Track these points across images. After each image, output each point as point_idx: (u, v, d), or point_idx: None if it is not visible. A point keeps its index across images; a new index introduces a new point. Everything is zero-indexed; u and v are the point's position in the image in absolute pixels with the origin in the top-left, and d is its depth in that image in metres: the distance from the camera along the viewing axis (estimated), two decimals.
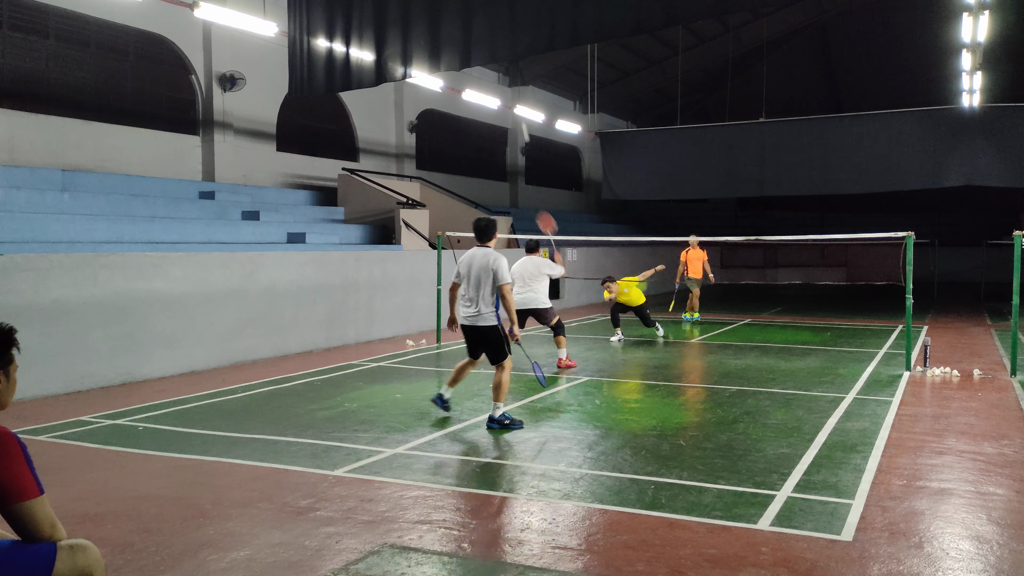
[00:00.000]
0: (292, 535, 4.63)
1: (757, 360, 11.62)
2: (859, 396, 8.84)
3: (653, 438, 6.93)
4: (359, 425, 7.40)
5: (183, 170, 15.07)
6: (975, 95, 21.01)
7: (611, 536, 4.62)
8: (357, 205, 16.99)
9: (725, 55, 29.09)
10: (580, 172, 32.12)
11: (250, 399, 8.69)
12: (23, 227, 9.96)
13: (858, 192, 19.54)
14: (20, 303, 8.38)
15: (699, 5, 10.03)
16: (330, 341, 12.76)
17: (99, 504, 5.18)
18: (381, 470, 5.95)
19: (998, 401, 8.58)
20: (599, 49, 24.79)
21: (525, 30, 10.64)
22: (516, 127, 26.81)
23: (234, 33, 15.13)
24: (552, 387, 9.39)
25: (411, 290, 14.70)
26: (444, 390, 7.86)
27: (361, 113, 19.95)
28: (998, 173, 17.62)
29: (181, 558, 4.30)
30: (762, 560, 4.24)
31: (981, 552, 4.40)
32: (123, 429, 7.28)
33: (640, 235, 26.18)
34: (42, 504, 2.75)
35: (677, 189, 22.00)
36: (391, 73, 12.05)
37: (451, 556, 4.34)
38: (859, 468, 5.97)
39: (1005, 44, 23.45)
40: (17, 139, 12.30)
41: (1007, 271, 11.48)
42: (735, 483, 5.59)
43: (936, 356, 11.38)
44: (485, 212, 20.01)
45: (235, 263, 11.13)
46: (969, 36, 16.16)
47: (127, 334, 9.57)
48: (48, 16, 12.91)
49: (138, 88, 14.54)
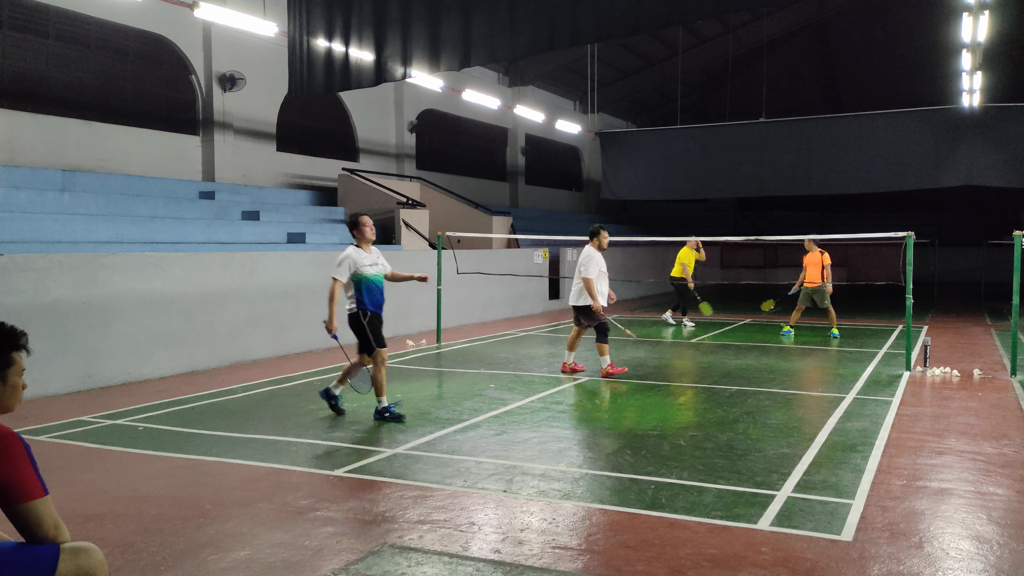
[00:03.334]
0: (292, 535, 4.63)
1: (757, 360, 11.62)
2: (859, 396, 8.84)
3: (653, 438, 6.93)
4: (359, 425, 7.41)
5: (183, 170, 15.07)
6: (975, 95, 21.01)
7: (611, 536, 4.62)
8: (357, 205, 16.98)
9: (725, 55, 29.09)
10: (580, 172, 32.13)
11: (250, 399, 8.69)
12: (23, 227, 9.96)
13: (858, 192, 19.55)
14: (20, 303, 8.38)
15: (699, 5, 10.03)
16: (330, 341, 12.74)
17: (99, 504, 5.18)
18: (381, 470, 5.95)
19: (998, 401, 8.59)
20: (599, 49, 24.79)
21: (525, 30, 10.64)
22: (515, 130, 26.84)
23: (234, 33, 15.13)
24: (552, 387, 9.39)
25: (411, 290, 14.67)
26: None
27: (361, 113, 19.95)
28: (998, 173, 17.64)
29: (182, 558, 4.30)
30: (762, 560, 4.24)
31: (981, 552, 4.40)
32: (123, 429, 7.28)
33: (640, 235, 26.20)
34: (46, 505, 2.75)
35: (677, 189, 22.01)
36: (391, 73, 12.06)
37: (451, 556, 4.34)
38: (859, 468, 5.97)
39: (1005, 44, 23.46)
40: (17, 139, 12.30)
41: (1007, 271, 11.49)
42: (735, 483, 5.59)
43: (936, 356, 11.38)
44: (485, 212, 20.03)
45: (235, 263, 11.13)
46: (969, 36, 16.16)
47: (127, 334, 9.58)
48: (48, 16, 12.92)
49: (138, 88, 14.54)
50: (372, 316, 7.55)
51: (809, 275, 14.49)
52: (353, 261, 7.46)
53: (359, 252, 7.57)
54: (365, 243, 7.68)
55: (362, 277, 7.50)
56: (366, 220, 7.78)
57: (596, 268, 10.22)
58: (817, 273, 14.38)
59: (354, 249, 7.59)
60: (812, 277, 14.44)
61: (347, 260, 7.46)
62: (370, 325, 7.53)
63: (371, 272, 7.55)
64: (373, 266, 7.60)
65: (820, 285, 14.33)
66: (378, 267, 7.66)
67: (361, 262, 7.49)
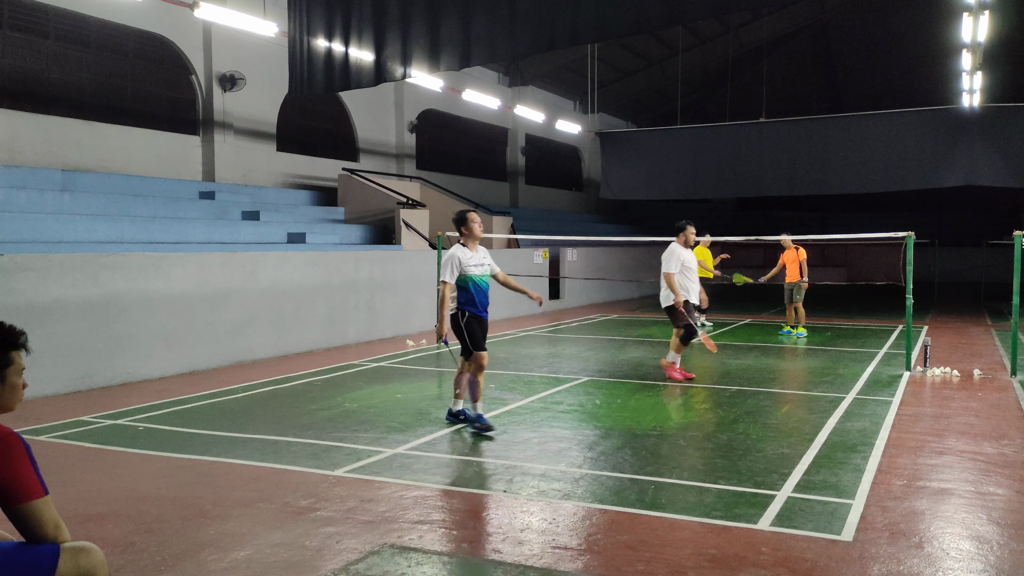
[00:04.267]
0: (292, 535, 4.63)
1: (757, 360, 11.62)
2: (859, 396, 8.84)
3: (653, 438, 6.93)
4: (359, 425, 7.41)
5: (183, 170, 15.07)
6: (975, 95, 21.01)
7: (611, 536, 4.62)
8: (357, 205, 16.99)
9: (725, 55, 29.08)
10: (580, 172, 32.14)
11: (250, 399, 8.69)
12: (23, 227, 9.96)
13: (858, 192, 19.54)
14: (20, 303, 8.38)
15: (699, 5, 10.02)
16: (330, 341, 12.76)
17: (99, 504, 5.18)
18: (381, 470, 5.95)
19: (998, 401, 8.59)
20: (599, 49, 24.79)
21: (525, 30, 10.64)
22: (515, 130, 26.83)
23: (234, 33, 15.13)
24: (552, 387, 9.39)
25: (411, 290, 14.70)
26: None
27: (361, 113, 19.95)
28: (998, 173, 17.63)
29: (182, 558, 4.30)
30: (762, 560, 4.24)
31: (981, 552, 4.40)
32: (123, 429, 7.28)
33: (640, 235, 26.20)
34: (46, 505, 2.75)
35: (677, 189, 21.99)
36: (391, 73, 12.06)
37: (451, 556, 4.35)
38: (859, 468, 5.97)
39: (1005, 44, 23.46)
40: (17, 139, 12.30)
41: (1007, 271, 11.50)
42: (735, 483, 5.59)
43: (936, 356, 11.38)
44: (485, 212, 20.03)
45: (235, 263, 11.14)
46: (969, 36, 16.16)
47: (127, 334, 9.58)
48: (48, 16, 12.92)
49: (138, 88, 14.54)
50: (470, 318, 7.21)
51: (790, 273, 14.53)
52: (458, 261, 7.12)
53: (464, 251, 7.21)
54: (472, 242, 7.30)
55: (468, 278, 7.16)
56: (475, 217, 7.36)
57: (677, 263, 9.82)
58: (796, 270, 14.46)
59: (459, 248, 7.24)
60: (792, 274, 14.48)
61: (452, 261, 7.12)
62: (467, 327, 7.19)
63: (476, 272, 7.21)
64: (479, 266, 7.25)
65: (798, 281, 14.40)
66: (484, 267, 7.32)
67: (467, 262, 7.16)
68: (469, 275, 7.16)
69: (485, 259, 7.37)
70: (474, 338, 7.20)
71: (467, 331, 7.20)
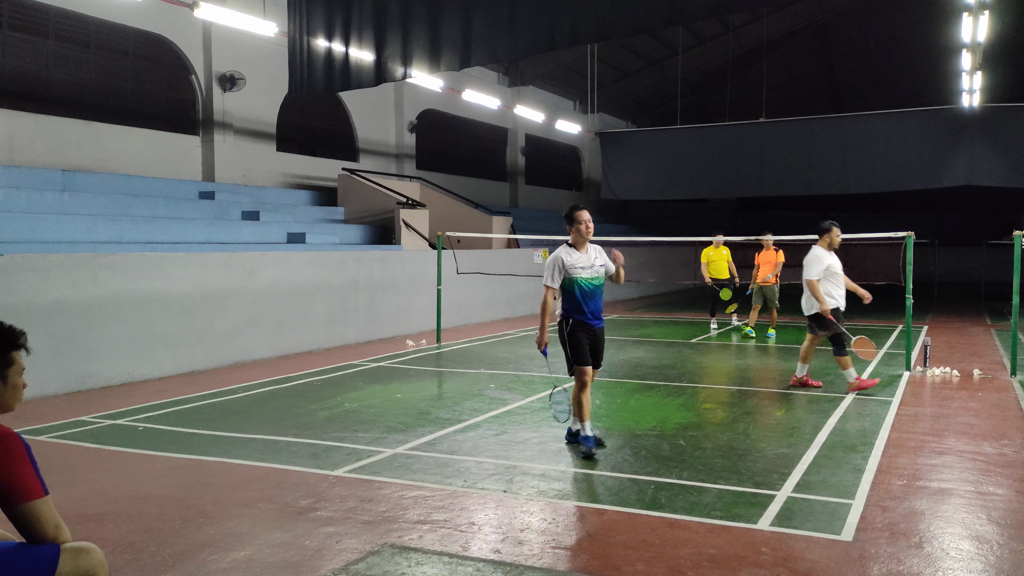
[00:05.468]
0: (292, 535, 4.63)
1: (757, 360, 11.62)
2: (859, 396, 8.84)
3: (653, 438, 6.93)
4: (359, 425, 7.40)
5: (183, 170, 15.07)
6: (975, 95, 21.00)
7: (611, 536, 4.62)
8: (357, 205, 16.99)
9: (725, 55, 29.08)
10: (580, 172, 32.13)
11: (250, 399, 8.69)
12: (23, 227, 9.96)
13: (858, 192, 19.55)
14: (20, 303, 8.38)
15: (699, 5, 10.03)
16: (330, 341, 12.76)
17: (99, 504, 5.18)
18: (381, 470, 5.95)
19: (998, 401, 8.59)
20: (599, 49, 24.79)
21: (525, 30, 10.64)
22: (515, 130, 26.82)
23: (234, 33, 15.13)
24: (552, 387, 9.36)
25: (411, 290, 14.70)
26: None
27: (361, 113, 19.95)
28: (998, 173, 17.64)
29: (182, 558, 4.30)
30: (762, 560, 4.24)
31: (981, 552, 4.40)
32: (123, 429, 7.28)
33: (640, 235, 26.20)
34: (46, 505, 2.75)
35: (677, 189, 22.01)
36: (391, 73, 12.06)
37: (451, 556, 4.34)
38: (859, 468, 5.97)
39: (1005, 44, 23.44)
40: (17, 139, 12.30)
41: (1007, 271, 11.49)
42: (735, 483, 5.59)
43: (936, 356, 11.38)
44: (485, 212, 20.03)
45: (235, 263, 11.14)
46: (969, 36, 16.16)
47: (127, 334, 9.58)
48: (48, 16, 12.92)
49: (138, 88, 14.54)
50: (575, 326, 6.44)
51: (762, 273, 14.23)
52: (562, 263, 6.40)
53: (570, 253, 6.48)
54: (580, 241, 6.55)
55: (574, 281, 6.40)
56: (584, 216, 6.57)
57: (819, 268, 8.88)
58: (768, 272, 14.17)
59: (564, 249, 6.51)
60: (766, 275, 14.19)
61: (555, 264, 6.42)
62: (571, 337, 6.45)
63: (585, 276, 6.42)
64: (588, 268, 6.46)
65: (773, 284, 14.16)
66: (594, 269, 6.50)
67: (573, 264, 6.41)
68: (575, 278, 6.41)
69: (596, 259, 6.56)
70: (576, 350, 6.45)
71: (570, 342, 6.46)
